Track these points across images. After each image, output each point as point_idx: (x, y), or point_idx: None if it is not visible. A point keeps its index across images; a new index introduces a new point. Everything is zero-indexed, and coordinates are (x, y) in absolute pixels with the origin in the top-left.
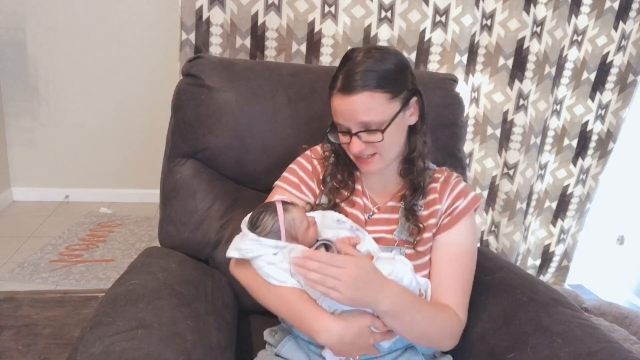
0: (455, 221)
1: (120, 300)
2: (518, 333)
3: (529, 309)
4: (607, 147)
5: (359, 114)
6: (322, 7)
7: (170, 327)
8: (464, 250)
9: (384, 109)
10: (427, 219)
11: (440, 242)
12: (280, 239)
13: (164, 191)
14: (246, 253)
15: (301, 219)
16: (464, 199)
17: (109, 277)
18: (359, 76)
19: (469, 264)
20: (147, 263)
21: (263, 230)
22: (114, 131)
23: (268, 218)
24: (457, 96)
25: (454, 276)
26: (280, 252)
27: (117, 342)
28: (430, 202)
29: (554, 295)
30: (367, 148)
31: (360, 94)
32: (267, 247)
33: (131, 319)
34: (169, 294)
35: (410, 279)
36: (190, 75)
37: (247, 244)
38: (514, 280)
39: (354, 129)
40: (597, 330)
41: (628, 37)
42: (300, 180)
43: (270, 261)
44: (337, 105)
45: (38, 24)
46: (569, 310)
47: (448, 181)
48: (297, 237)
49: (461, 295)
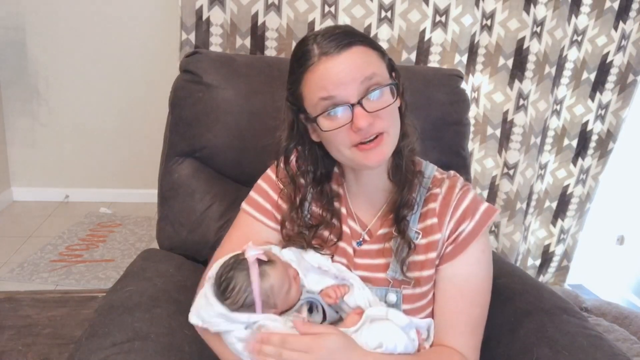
0: (460, 250)
1: (116, 309)
2: (523, 343)
3: (535, 318)
4: (607, 147)
5: (360, 69)
6: (322, 7)
7: (167, 338)
8: (473, 282)
9: (379, 66)
10: (425, 250)
11: (444, 274)
12: (255, 311)
13: (161, 191)
14: (212, 326)
15: (281, 284)
16: (471, 219)
17: (109, 277)
18: (345, 33)
19: (479, 298)
20: (144, 267)
21: (234, 304)
22: (114, 131)
23: (240, 288)
24: (463, 93)
25: (461, 315)
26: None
27: (113, 355)
28: (428, 228)
29: (560, 303)
30: (374, 121)
31: (354, 47)
32: (238, 323)
33: (127, 330)
34: (166, 302)
35: (405, 344)
36: (187, 71)
37: (213, 318)
38: (518, 286)
39: (354, 97)
40: (604, 342)
41: (628, 37)
42: (273, 205)
43: (241, 338)
44: (324, 73)
45: (38, 24)
46: (575, 320)
47: (449, 198)
48: (276, 305)
49: (469, 337)
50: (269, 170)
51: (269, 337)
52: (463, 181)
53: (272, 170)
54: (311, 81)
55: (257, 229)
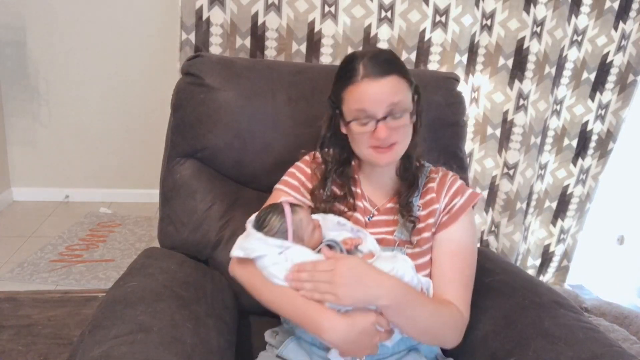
0: (454, 219)
1: (119, 303)
2: (520, 336)
3: (531, 312)
4: (607, 147)
5: (391, 95)
6: (322, 7)
7: (169, 331)
8: (463, 246)
9: (407, 93)
10: (425, 218)
11: (440, 239)
12: (287, 239)
13: (163, 191)
14: (251, 252)
15: (308, 221)
16: (461, 196)
17: (109, 277)
18: (386, 62)
19: (469, 260)
20: (146, 264)
21: (270, 230)
22: (114, 131)
23: (275, 218)
24: (459, 95)
25: (455, 272)
26: (285, 251)
27: (116, 347)
28: (428, 201)
29: (556, 297)
30: (391, 135)
31: (391, 77)
32: (273, 247)
33: (130, 322)
34: (169, 296)
35: (411, 276)
36: (189, 74)
37: (252, 243)
38: (515, 282)
39: (381, 114)
40: (600, 334)
41: (628, 37)
42: (300, 184)
43: (275, 261)
44: (363, 92)
45: (38, 24)
46: (571, 313)
47: (444, 180)
48: (303, 238)
49: (463, 291)
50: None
51: (303, 265)
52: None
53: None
54: (352, 93)
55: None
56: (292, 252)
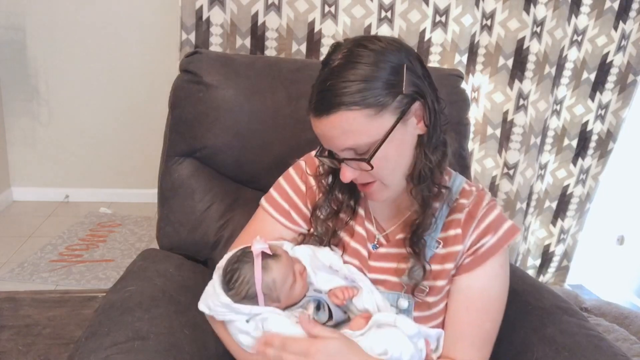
0: (479, 262)
1: (116, 309)
2: (523, 343)
3: (534, 318)
4: (607, 147)
5: (338, 140)
6: (322, 7)
7: (167, 338)
8: (487, 296)
9: (367, 129)
10: (442, 260)
11: (459, 285)
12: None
13: (161, 191)
14: (217, 315)
15: (284, 278)
16: (494, 234)
17: (109, 277)
18: (332, 92)
19: (493, 313)
20: (144, 267)
21: (237, 295)
22: (114, 131)
23: (243, 280)
24: (463, 93)
25: (472, 327)
26: (253, 318)
27: (113, 355)
28: (450, 239)
29: (559, 302)
30: (361, 175)
31: (333, 115)
32: (240, 314)
33: (127, 330)
34: (166, 302)
35: (411, 354)
36: (187, 71)
37: (217, 305)
38: (518, 285)
39: (340, 155)
40: (603, 342)
41: (628, 37)
42: (292, 206)
43: (242, 329)
44: (314, 127)
45: (38, 24)
46: (575, 319)
47: (475, 211)
48: (279, 299)
49: (478, 351)
50: (291, 168)
51: (271, 339)
52: (490, 196)
53: (294, 168)
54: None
55: (272, 226)
56: (261, 319)
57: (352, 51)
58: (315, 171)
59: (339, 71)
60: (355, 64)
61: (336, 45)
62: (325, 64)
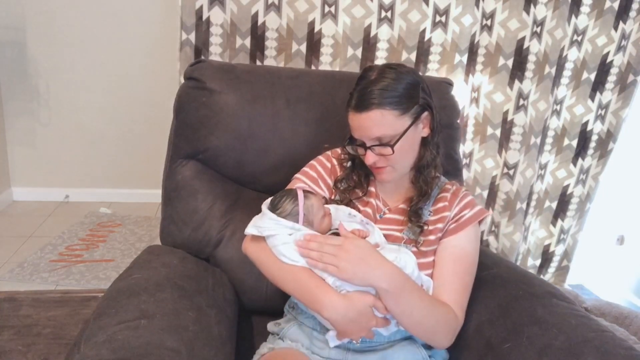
0: (461, 227)
1: (123, 293)
2: (514, 324)
3: (525, 302)
4: (607, 147)
5: (371, 130)
6: (322, 7)
7: (172, 318)
8: (466, 254)
9: (393, 124)
10: (434, 222)
11: (445, 244)
12: (298, 222)
13: (166, 191)
14: (264, 231)
15: (319, 207)
16: (471, 209)
17: (109, 277)
18: (371, 95)
19: (470, 268)
20: (149, 259)
21: (283, 212)
22: (114, 131)
23: (289, 201)
24: (452, 99)
25: (455, 277)
26: (294, 233)
27: (120, 331)
28: (440, 209)
29: (549, 288)
30: (380, 160)
31: (372, 112)
32: (284, 228)
33: (134, 310)
34: (171, 287)
35: (413, 268)
36: (192, 78)
37: (266, 222)
38: (510, 274)
39: (368, 143)
40: (592, 321)
41: (628, 37)
42: (319, 176)
43: (285, 240)
44: (351, 121)
45: (38, 24)
46: (564, 303)
47: (457, 193)
48: (313, 223)
49: (460, 296)
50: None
51: (314, 236)
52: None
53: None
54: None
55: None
56: (301, 234)
57: (383, 70)
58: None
59: (375, 82)
60: (386, 78)
61: (369, 67)
62: (363, 78)
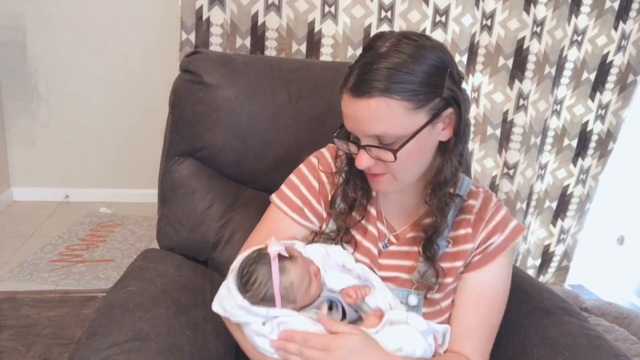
0: (488, 260)
1: (116, 309)
2: (523, 344)
3: (535, 319)
4: (607, 147)
5: (369, 124)
6: (322, 7)
7: (167, 338)
8: (493, 292)
9: (401, 121)
10: (452, 258)
11: (467, 281)
12: (275, 306)
13: (162, 191)
14: (232, 316)
15: (301, 280)
16: (501, 233)
17: (109, 277)
18: (375, 75)
19: (497, 307)
20: (144, 267)
21: (254, 297)
22: (114, 131)
23: (261, 282)
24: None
25: (479, 322)
26: (270, 321)
27: (114, 355)
28: (460, 238)
29: (559, 303)
30: (376, 165)
31: (375, 99)
32: (257, 317)
33: (128, 330)
34: (167, 302)
35: (424, 349)
36: (188, 71)
37: (233, 307)
38: (518, 286)
39: (363, 141)
40: (604, 342)
41: (628, 37)
42: (304, 203)
43: (258, 332)
44: (345, 107)
45: (38, 24)
46: (575, 320)
47: (484, 212)
48: (295, 300)
49: (484, 344)
50: (302, 165)
51: (292, 335)
52: (497, 197)
53: (306, 165)
54: (342, 101)
55: (285, 224)
56: (279, 322)
57: (399, 41)
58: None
59: (384, 57)
60: (400, 53)
61: (381, 34)
62: (370, 48)
